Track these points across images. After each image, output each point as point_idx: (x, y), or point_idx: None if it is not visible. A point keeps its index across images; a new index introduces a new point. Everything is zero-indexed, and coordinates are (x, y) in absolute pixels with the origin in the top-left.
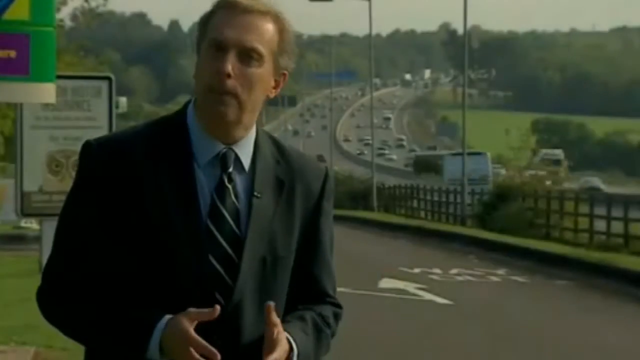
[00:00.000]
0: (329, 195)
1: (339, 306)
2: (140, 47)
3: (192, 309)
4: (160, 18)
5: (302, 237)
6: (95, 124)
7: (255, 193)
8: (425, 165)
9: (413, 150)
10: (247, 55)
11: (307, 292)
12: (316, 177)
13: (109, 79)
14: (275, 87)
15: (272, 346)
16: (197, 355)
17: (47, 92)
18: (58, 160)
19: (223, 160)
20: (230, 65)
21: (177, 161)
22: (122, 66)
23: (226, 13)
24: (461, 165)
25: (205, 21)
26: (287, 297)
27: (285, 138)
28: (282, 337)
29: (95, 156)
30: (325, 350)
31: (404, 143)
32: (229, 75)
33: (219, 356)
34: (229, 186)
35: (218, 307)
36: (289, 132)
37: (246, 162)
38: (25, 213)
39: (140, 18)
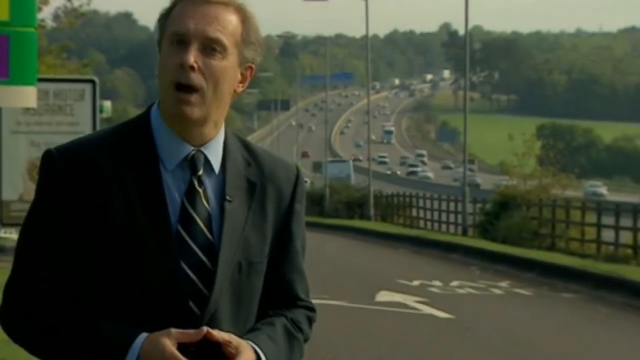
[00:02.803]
0: (300, 196)
1: (312, 309)
2: (126, 48)
3: (173, 329)
4: (146, 18)
5: (275, 241)
6: (78, 129)
7: (227, 197)
8: (317, 167)
9: (448, 167)
10: (210, 47)
11: (280, 296)
12: (287, 178)
13: (92, 82)
14: (242, 82)
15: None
16: None
17: (27, 95)
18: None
19: (192, 163)
20: (193, 57)
21: (143, 166)
22: (107, 68)
23: (186, 5)
24: (335, 168)
25: (165, 15)
26: (259, 302)
27: (288, 132)
28: (243, 349)
29: (57, 166)
30: (298, 356)
31: (425, 159)
32: (192, 68)
33: None
34: (200, 190)
35: (205, 329)
36: (292, 126)
37: (216, 164)
38: (4, 223)
39: (126, 18)
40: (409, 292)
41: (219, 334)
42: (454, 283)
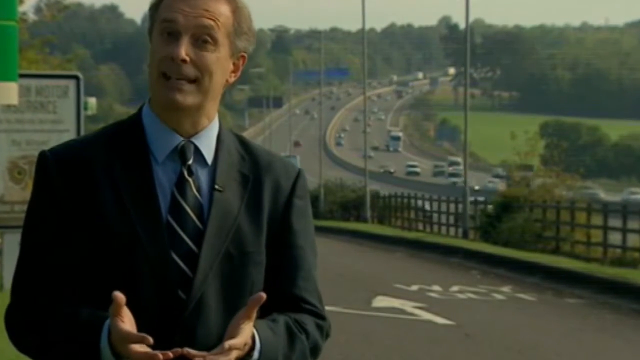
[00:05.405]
0: (301, 192)
1: (320, 317)
2: (111, 42)
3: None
4: (133, 11)
5: (272, 235)
6: (62, 127)
7: (217, 186)
8: None
9: (498, 176)
10: (202, 39)
11: (282, 296)
12: (286, 173)
13: (76, 77)
14: (234, 71)
15: (234, 333)
16: (139, 349)
17: (8, 92)
18: (20, 166)
19: (182, 153)
20: (184, 50)
21: (133, 159)
22: (92, 64)
23: None
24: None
25: (156, 6)
26: (262, 305)
27: (282, 129)
28: (247, 328)
29: (51, 167)
30: (299, 356)
31: (461, 167)
32: (184, 61)
33: (150, 340)
34: (190, 179)
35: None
36: (297, 115)
37: (208, 155)
38: None
39: (111, 11)
40: (407, 297)
41: (252, 312)
42: (454, 288)
